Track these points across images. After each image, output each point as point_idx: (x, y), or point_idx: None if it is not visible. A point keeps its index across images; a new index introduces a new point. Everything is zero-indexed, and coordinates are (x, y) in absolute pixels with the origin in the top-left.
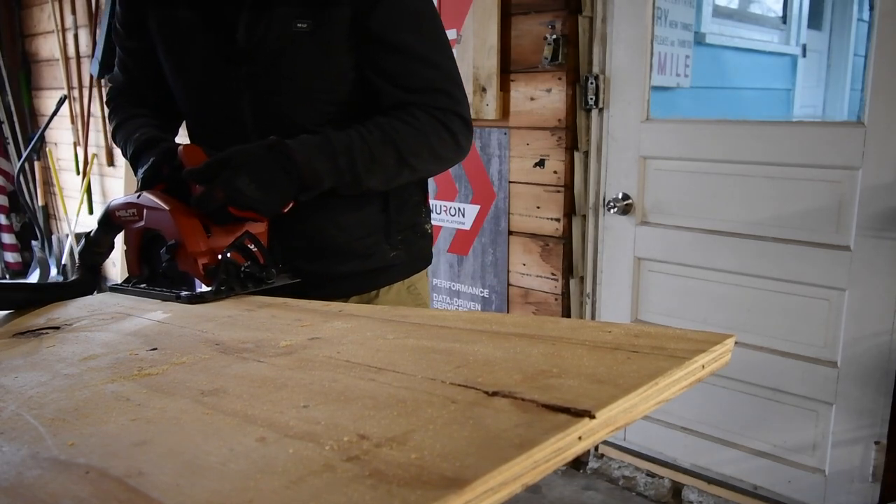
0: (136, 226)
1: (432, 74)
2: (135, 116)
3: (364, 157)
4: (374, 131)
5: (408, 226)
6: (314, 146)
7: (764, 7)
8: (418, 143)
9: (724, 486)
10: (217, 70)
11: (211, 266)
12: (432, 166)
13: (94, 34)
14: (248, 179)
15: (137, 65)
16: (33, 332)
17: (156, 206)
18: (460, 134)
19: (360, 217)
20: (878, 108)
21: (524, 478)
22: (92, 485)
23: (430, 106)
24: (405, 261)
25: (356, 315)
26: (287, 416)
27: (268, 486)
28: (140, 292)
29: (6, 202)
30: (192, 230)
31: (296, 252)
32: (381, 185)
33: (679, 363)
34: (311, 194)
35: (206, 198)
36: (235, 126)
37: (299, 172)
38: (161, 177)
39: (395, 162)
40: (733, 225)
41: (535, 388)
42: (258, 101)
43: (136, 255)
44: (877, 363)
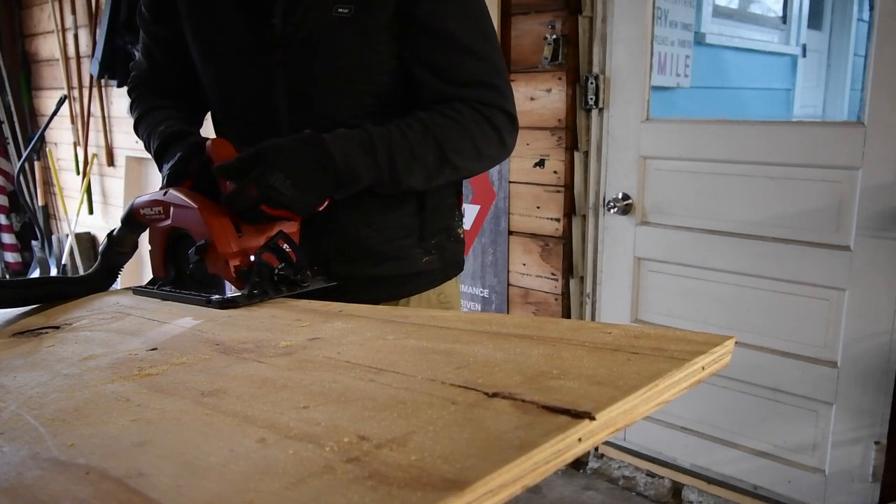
0: (162, 224)
1: (478, 67)
2: (158, 108)
3: (404, 154)
4: (414, 126)
5: (441, 229)
6: (352, 141)
7: (764, 7)
8: (461, 140)
9: (724, 486)
10: (250, 57)
11: (243, 268)
12: (475, 164)
13: (94, 34)
14: (283, 176)
15: (163, 51)
16: (33, 331)
17: (183, 204)
18: (505, 130)
19: (395, 218)
20: (878, 108)
21: (524, 479)
22: (92, 486)
23: (475, 100)
24: (437, 267)
25: (356, 315)
26: (287, 417)
27: (268, 488)
28: (166, 295)
29: (6, 202)
30: (222, 230)
31: (326, 253)
32: (421, 185)
33: (679, 365)
34: (347, 193)
35: (237, 195)
36: (267, 117)
37: (336, 169)
38: (188, 173)
39: (437, 159)
40: (733, 225)
41: (536, 390)
42: (293, 92)
43: (161, 255)
44: (877, 363)
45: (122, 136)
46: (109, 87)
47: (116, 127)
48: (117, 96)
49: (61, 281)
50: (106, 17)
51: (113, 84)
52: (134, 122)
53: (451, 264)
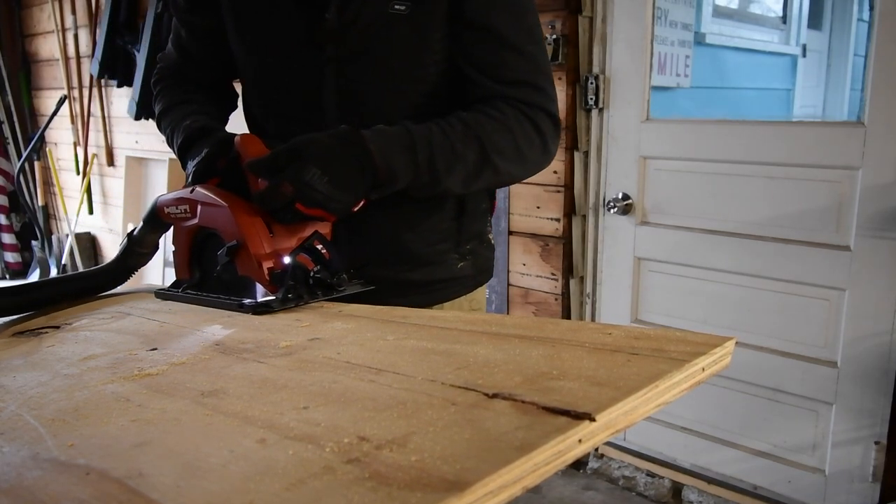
0: (188, 224)
1: (524, 66)
2: (184, 102)
3: (445, 154)
4: (456, 125)
5: (475, 234)
6: (391, 138)
7: (764, 7)
8: (504, 140)
9: (724, 486)
10: (299, 52)
11: (277, 271)
12: (517, 169)
13: (94, 34)
14: (319, 173)
15: (198, 43)
16: (32, 331)
17: (212, 203)
18: (548, 134)
19: (435, 222)
20: (878, 108)
21: (524, 480)
22: (92, 486)
23: (519, 100)
24: (470, 273)
25: (356, 315)
26: (287, 418)
27: (268, 488)
28: (192, 299)
29: (6, 202)
30: (255, 230)
31: (363, 256)
32: (460, 187)
33: (679, 366)
34: (384, 193)
35: (272, 193)
36: (314, 116)
37: (374, 167)
38: (215, 170)
39: (478, 159)
40: (733, 225)
41: (536, 391)
42: (343, 89)
43: (186, 256)
44: (877, 363)
45: (122, 136)
46: (109, 87)
47: (116, 127)
48: (117, 96)
49: (60, 281)
50: (106, 17)
51: (113, 84)
52: (157, 116)
53: (484, 270)
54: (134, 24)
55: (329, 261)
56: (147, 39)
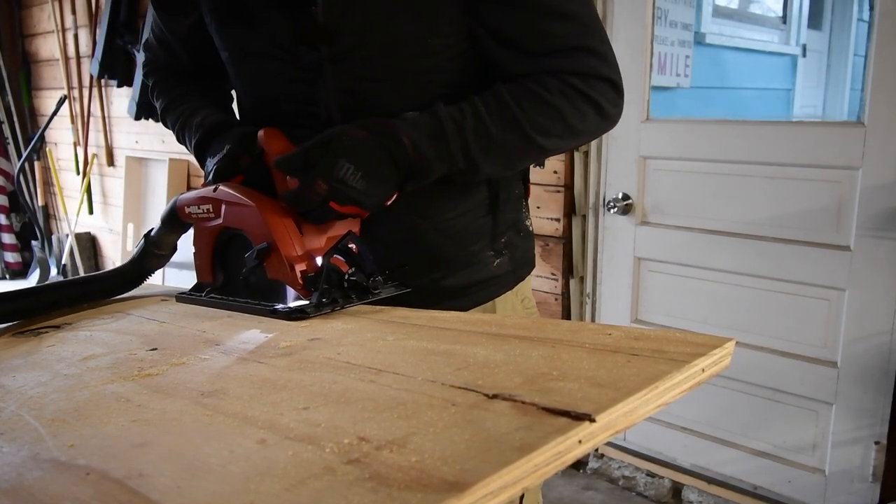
0: (211, 224)
1: (565, 29)
2: (188, 95)
3: (480, 139)
4: (492, 105)
5: (510, 225)
6: (422, 127)
7: (764, 7)
8: (548, 119)
9: (724, 486)
10: (291, 54)
11: (310, 274)
12: (567, 142)
13: (94, 34)
14: (353, 168)
15: (180, 43)
16: (33, 330)
17: (238, 202)
18: (606, 100)
19: (468, 221)
20: (878, 108)
21: (524, 481)
22: (93, 487)
23: (566, 71)
24: (509, 268)
25: (356, 316)
26: (287, 418)
27: (268, 489)
28: (218, 303)
29: (6, 202)
30: (285, 231)
31: (392, 263)
32: (503, 170)
33: (679, 367)
34: (418, 185)
35: (305, 192)
36: (315, 122)
37: (407, 158)
38: (238, 168)
39: (519, 141)
40: (733, 225)
41: (536, 391)
42: (345, 90)
43: (209, 258)
44: (877, 363)
45: (122, 136)
46: (109, 87)
47: (116, 127)
48: (117, 96)
49: (72, 284)
50: (106, 17)
51: (113, 84)
52: (161, 111)
53: (524, 263)
54: (134, 24)
55: (363, 262)
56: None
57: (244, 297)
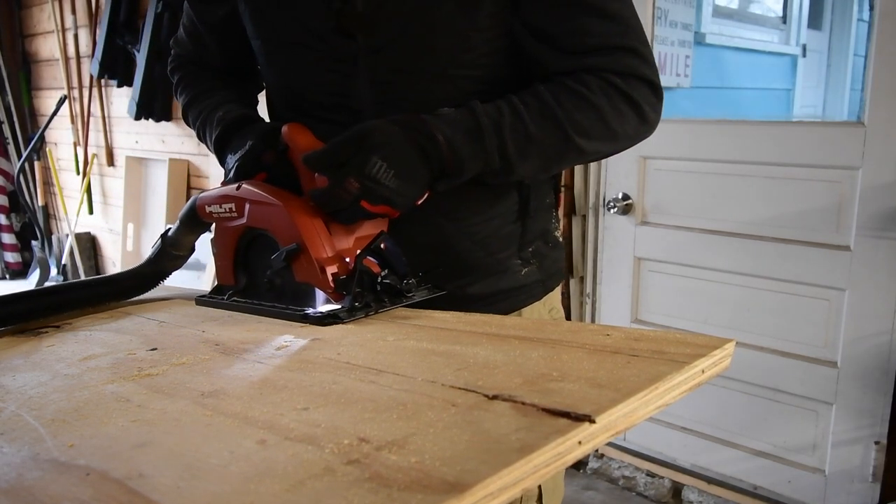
0: (234, 224)
1: (608, 28)
2: (210, 90)
3: (518, 139)
4: (531, 104)
5: (538, 234)
6: (456, 123)
7: (764, 7)
8: (589, 120)
9: (724, 486)
10: (326, 44)
11: (341, 276)
12: (607, 146)
13: (94, 34)
14: (385, 165)
15: (213, 34)
16: (32, 330)
17: (263, 201)
18: (646, 103)
19: (497, 227)
20: (878, 108)
21: (525, 482)
22: (92, 487)
23: (606, 70)
24: (537, 278)
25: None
26: (287, 419)
27: (268, 490)
28: (243, 307)
29: (6, 202)
30: (315, 231)
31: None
32: (539, 172)
33: (679, 368)
34: (450, 184)
35: (335, 190)
36: (348, 115)
37: (440, 156)
38: (261, 165)
39: (558, 143)
40: (733, 225)
41: (536, 392)
42: (379, 82)
43: (230, 260)
44: (877, 363)
45: (122, 136)
46: (109, 87)
47: (116, 127)
48: (117, 96)
49: (85, 286)
50: (106, 17)
51: (113, 84)
52: (183, 107)
53: (552, 274)
54: (134, 24)
55: (396, 264)
56: (147, 39)
57: (268, 300)
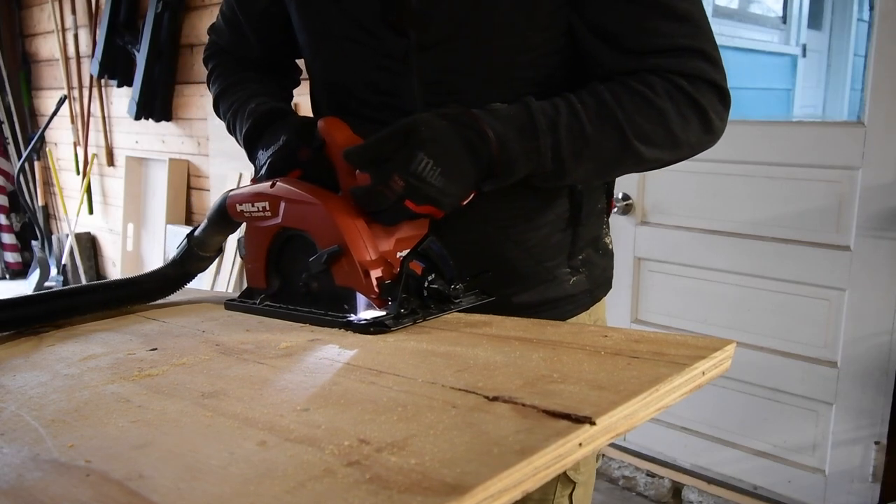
0: (267, 224)
1: (676, 29)
2: (245, 81)
3: (573, 140)
4: (589, 103)
5: (589, 241)
6: (509, 120)
7: (764, 7)
8: (650, 124)
9: (724, 486)
10: (376, 39)
11: (386, 281)
12: (668, 155)
13: (94, 34)
14: (431, 163)
15: (253, 24)
16: (33, 329)
17: (301, 200)
18: (712, 110)
19: (546, 234)
20: (878, 108)
21: (525, 484)
22: (93, 488)
23: (673, 71)
24: (586, 288)
25: None
26: (287, 420)
27: (268, 491)
28: (280, 313)
29: (6, 202)
30: (358, 232)
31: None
32: (592, 177)
33: (679, 369)
34: (497, 184)
35: (379, 188)
36: (396, 115)
37: (490, 154)
38: (296, 161)
39: (616, 147)
40: (733, 225)
41: (536, 394)
42: (432, 82)
43: (263, 262)
44: (877, 363)
45: (122, 136)
46: (109, 87)
47: (116, 127)
48: (117, 96)
49: (101, 288)
50: (106, 17)
51: (113, 84)
52: (214, 98)
53: (601, 283)
54: (134, 24)
55: (443, 268)
56: (147, 39)
57: (304, 304)
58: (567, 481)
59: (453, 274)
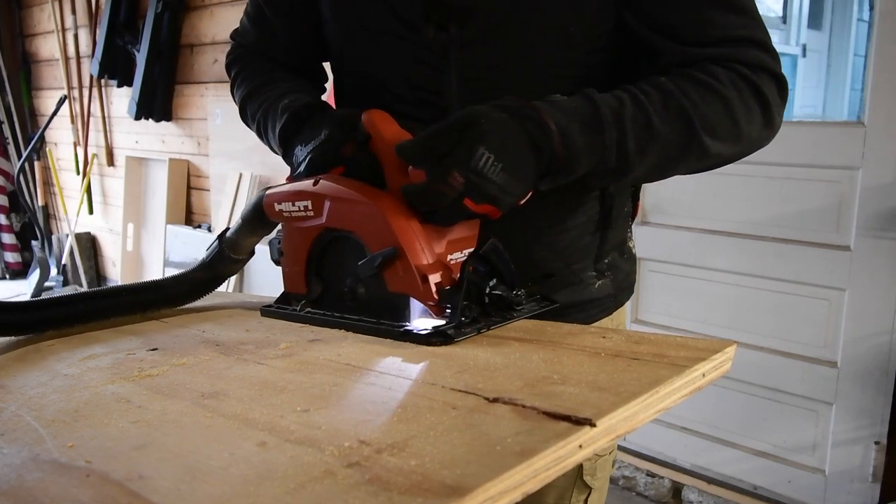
0: (309, 224)
1: (734, 20)
2: (272, 81)
3: (638, 131)
4: (651, 93)
5: (615, 245)
6: (572, 112)
7: (764, 7)
8: (716, 113)
9: (724, 486)
10: (414, 35)
11: (446, 287)
12: (730, 149)
13: (94, 34)
14: (492, 158)
15: (282, 19)
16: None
17: (349, 198)
18: (774, 104)
19: (577, 236)
20: (878, 108)
21: (525, 486)
22: (93, 488)
23: (733, 60)
24: (610, 292)
25: None
26: (287, 420)
27: (268, 492)
28: (324, 320)
29: (6, 202)
30: (413, 234)
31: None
32: (653, 174)
33: (679, 371)
34: (555, 182)
35: (437, 186)
36: (433, 113)
37: (552, 148)
38: (339, 157)
39: (682, 140)
40: (733, 225)
41: (536, 395)
42: (471, 79)
43: (303, 265)
44: (877, 363)
45: (122, 136)
46: (109, 87)
47: (116, 127)
48: (117, 96)
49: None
50: (106, 17)
51: (113, 84)
52: (240, 101)
53: (625, 288)
54: (134, 24)
55: (505, 272)
56: (147, 39)
57: (349, 312)
58: (583, 486)
59: (514, 279)
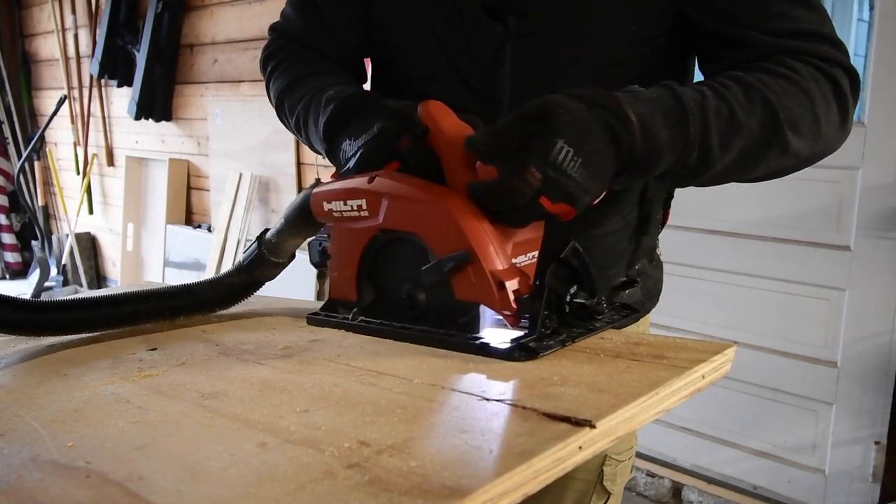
0: (363, 225)
1: (806, 16)
2: (314, 73)
3: (722, 124)
4: (731, 85)
5: (646, 251)
6: (653, 103)
7: None
8: (799, 107)
9: (724, 486)
10: (470, 26)
11: (525, 295)
12: (808, 148)
13: (94, 34)
14: (572, 152)
15: (333, 7)
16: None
17: (410, 197)
18: (850, 102)
19: (613, 243)
20: (878, 108)
21: (525, 487)
22: (93, 489)
23: (809, 53)
24: (639, 299)
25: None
26: (287, 421)
27: (268, 493)
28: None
29: (6, 202)
30: (486, 236)
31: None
32: (731, 173)
33: (679, 373)
34: (631, 180)
35: (512, 183)
36: (485, 107)
37: (632, 142)
38: (394, 152)
39: (767, 133)
40: (733, 225)
41: (536, 397)
42: (523, 73)
43: (355, 269)
44: (877, 363)
45: (122, 136)
46: (109, 87)
47: (116, 127)
48: (117, 96)
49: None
50: (106, 17)
51: (113, 84)
52: (277, 95)
53: (653, 295)
54: (134, 24)
55: (584, 278)
56: (147, 39)
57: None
58: (602, 492)
59: (594, 285)
